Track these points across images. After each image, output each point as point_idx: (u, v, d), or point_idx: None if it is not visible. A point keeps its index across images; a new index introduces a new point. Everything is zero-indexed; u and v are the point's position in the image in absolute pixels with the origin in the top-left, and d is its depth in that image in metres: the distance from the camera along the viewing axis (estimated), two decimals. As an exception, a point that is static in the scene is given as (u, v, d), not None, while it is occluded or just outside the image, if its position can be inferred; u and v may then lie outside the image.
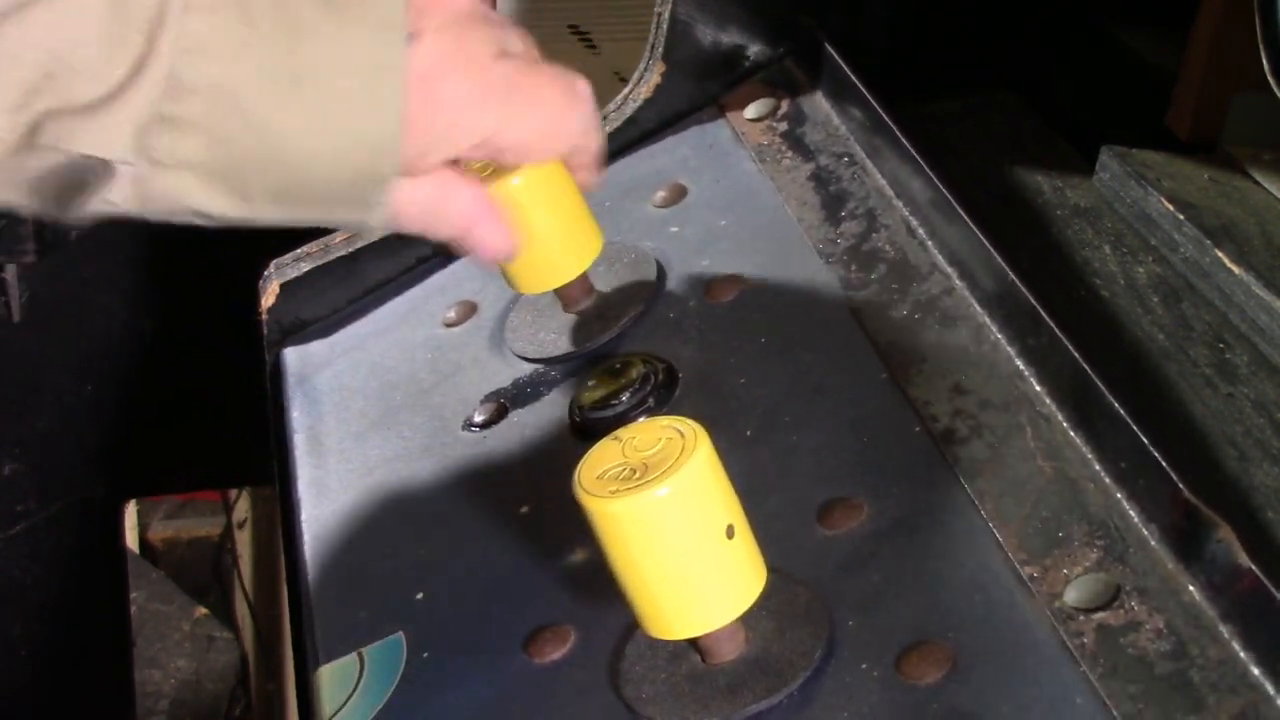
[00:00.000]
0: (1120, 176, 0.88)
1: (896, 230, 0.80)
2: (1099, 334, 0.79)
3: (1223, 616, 0.57)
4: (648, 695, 0.63)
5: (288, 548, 0.83)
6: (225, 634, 2.07)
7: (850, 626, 0.62)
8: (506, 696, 0.68)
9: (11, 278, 1.13)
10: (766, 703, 0.61)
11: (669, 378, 0.77)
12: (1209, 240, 0.81)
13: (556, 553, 0.72)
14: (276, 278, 0.95)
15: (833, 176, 0.86)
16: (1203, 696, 0.55)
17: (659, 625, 0.60)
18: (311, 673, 0.74)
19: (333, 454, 0.85)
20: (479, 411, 0.82)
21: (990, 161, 0.95)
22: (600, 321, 0.83)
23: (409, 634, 0.72)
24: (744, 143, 0.91)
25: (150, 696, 2.00)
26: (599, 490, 0.58)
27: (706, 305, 0.81)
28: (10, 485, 1.18)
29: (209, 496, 2.14)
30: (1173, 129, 0.93)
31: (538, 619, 0.69)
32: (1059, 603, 0.60)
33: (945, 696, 0.58)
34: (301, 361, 0.93)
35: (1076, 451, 0.65)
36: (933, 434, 0.68)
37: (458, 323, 0.89)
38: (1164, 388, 0.76)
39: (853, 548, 0.65)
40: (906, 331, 0.74)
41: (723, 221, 0.86)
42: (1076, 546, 0.61)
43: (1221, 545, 0.56)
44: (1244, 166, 0.90)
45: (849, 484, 0.68)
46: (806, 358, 0.75)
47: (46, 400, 1.19)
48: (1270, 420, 0.73)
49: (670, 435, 0.59)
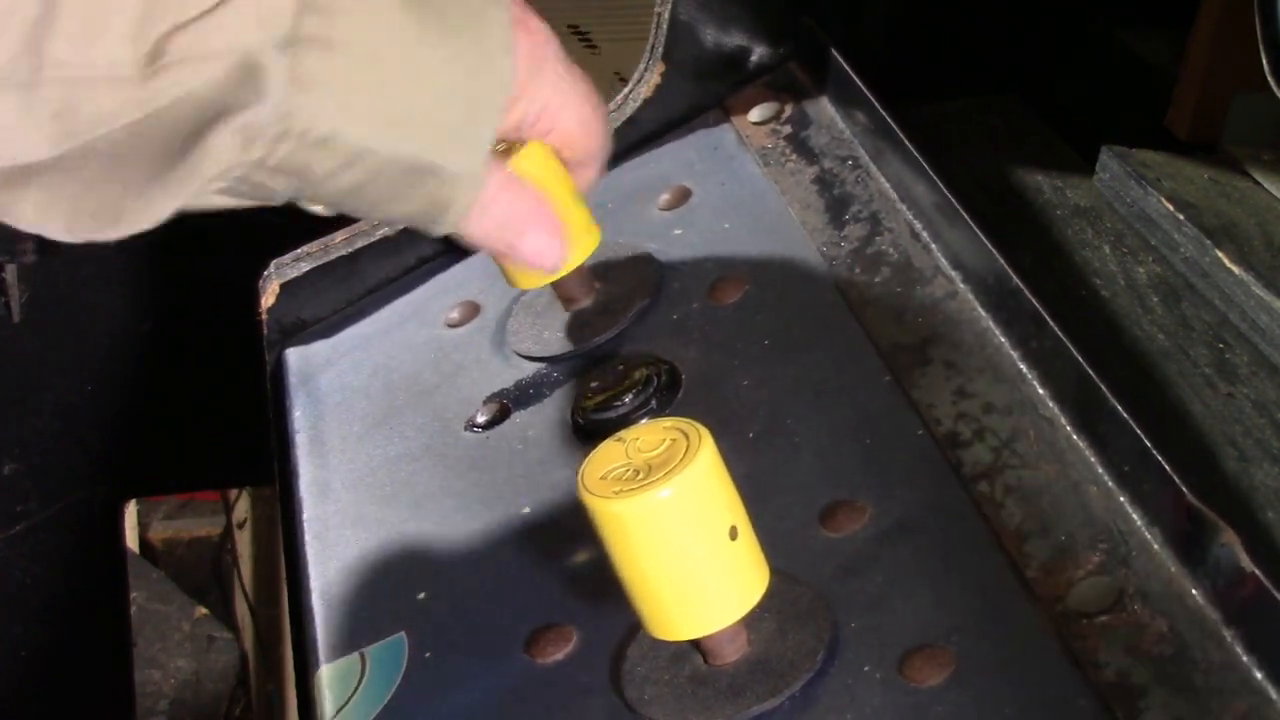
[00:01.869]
0: (1120, 176, 0.88)
1: (900, 234, 0.80)
2: (1099, 334, 0.79)
3: (1226, 620, 0.57)
4: (650, 696, 0.63)
5: (288, 548, 0.83)
6: (225, 634, 2.08)
7: (853, 629, 0.62)
8: (508, 697, 0.68)
9: (11, 278, 1.13)
10: (769, 704, 0.61)
11: (672, 379, 0.77)
12: (1209, 240, 0.81)
13: (559, 553, 0.72)
14: (276, 278, 0.95)
15: (837, 180, 0.86)
16: (1206, 701, 0.55)
17: (661, 626, 0.60)
18: (312, 673, 0.74)
19: (334, 454, 0.85)
20: (481, 412, 0.82)
21: (990, 162, 0.95)
22: (602, 319, 0.82)
23: (411, 634, 0.72)
24: (748, 146, 0.91)
25: (150, 696, 2.00)
26: (603, 491, 0.58)
27: (710, 307, 0.81)
28: (10, 485, 1.18)
29: (209, 496, 2.15)
30: (1173, 129, 0.94)
31: (540, 619, 0.69)
32: (1062, 606, 0.60)
33: (948, 699, 0.58)
34: (304, 362, 0.93)
35: (1079, 455, 0.65)
36: (936, 437, 0.68)
37: (460, 323, 0.89)
38: (1164, 388, 0.76)
39: (855, 550, 0.66)
40: (910, 334, 0.74)
41: (727, 224, 0.86)
42: (1079, 550, 0.61)
43: (1225, 549, 0.56)
44: (1244, 166, 0.90)
45: (852, 486, 0.68)
46: (810, 360, 0.75)
47: (46, 400, 1.19)
48: (1270, 420, 0.73)
49: (674, 436, 0.59)
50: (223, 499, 2.11)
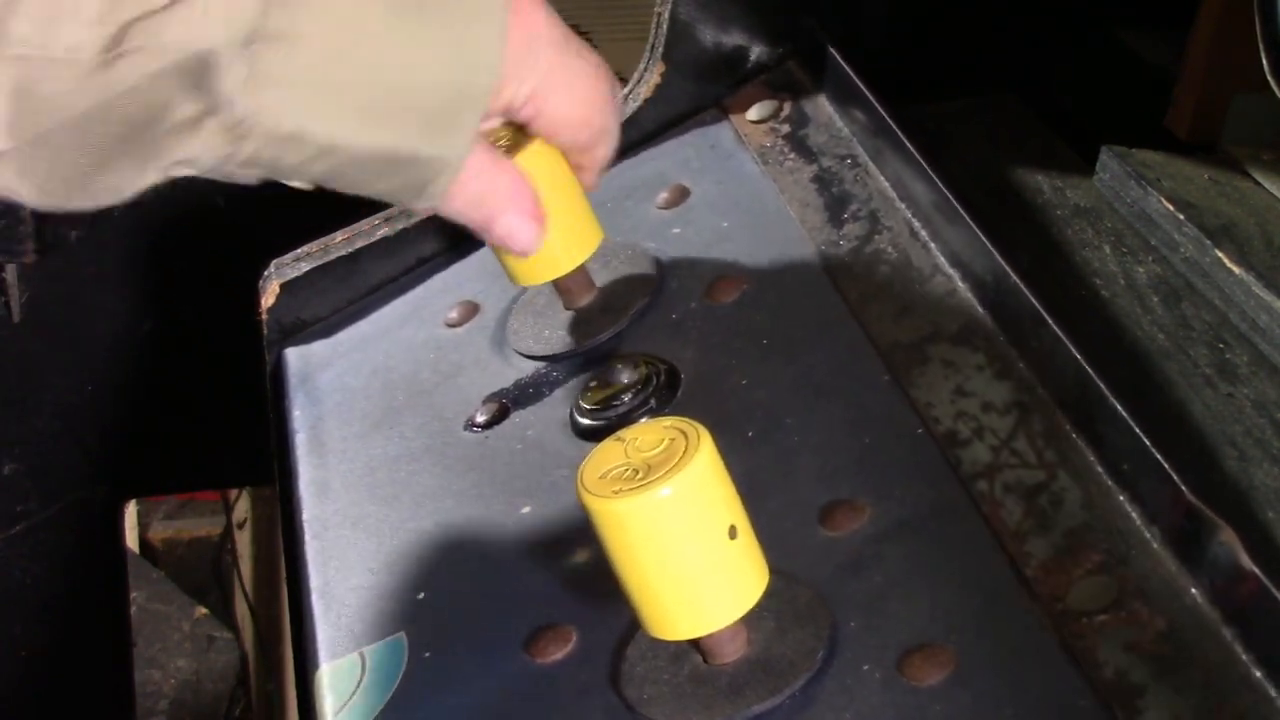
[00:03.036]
0: (1120, 176, 0.88)
1: (899, 232, 0.80)
2: (1099, 334, 0.79)
3: (1225, 619, 0.57)
4: (649, 696, 0.63)
5: (288, 548, 0.83)
6: (225, 634, 2.07)
7: (852, 628, 0.62)
8: (508, 697, 0.68)
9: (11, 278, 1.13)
10: (768, 703, 0.61)
11: (671, 379, 0.77)
12: (1209, 240, 0.81)
13: (558, 553, 0.72)
14: (276, 278, 0.95)
15: (835, 178, 0.86)
16: (1205, 699, 0.55)
17: (661, 626, 0.60)
18: (311, 673, 0.74)
19: (334, 454, 0.85)
20: (481, 412, 0.82)
21: (990, 161, 0.95)
22: (602, 318, 0.83)
23: (410, 634, 0.72)
24: (747, 145, 0.91)
25: (150, 696, 2.00)
26: (602, 490, 0.58)
27: (708, 306, 0.81)
28: (10, 485, 1.18)
29: (209, 496, 2.14)
30: (1173, 129, 0.93)
31: (539, 619, 0.69)
32: (1061, 605, 0.60)
33: (947, 698, 0.58)
34: (303, 361, 0.93)
35: (1079, 453, 0.65)
36: (935, 436, 0.69)
37: (459, 323, 0.89)
38: (1164, 388, 0.76)
39: (854, 549, 0.66)
40: (909, 333, 0.74)
41: (725, 223, 0.86)
42: (1078, 549, 0.61)
43: (1224, 547, 0.56)
44: (1244, 166, 0.90)
45: (851, 485, 0.68)
46: (808, 359, 0.75)
47: (46, 400, 1.19)
48: (1270, 420, 0.73)
49: (673, 436, 0.59)
50: (223, 499, 2.11)
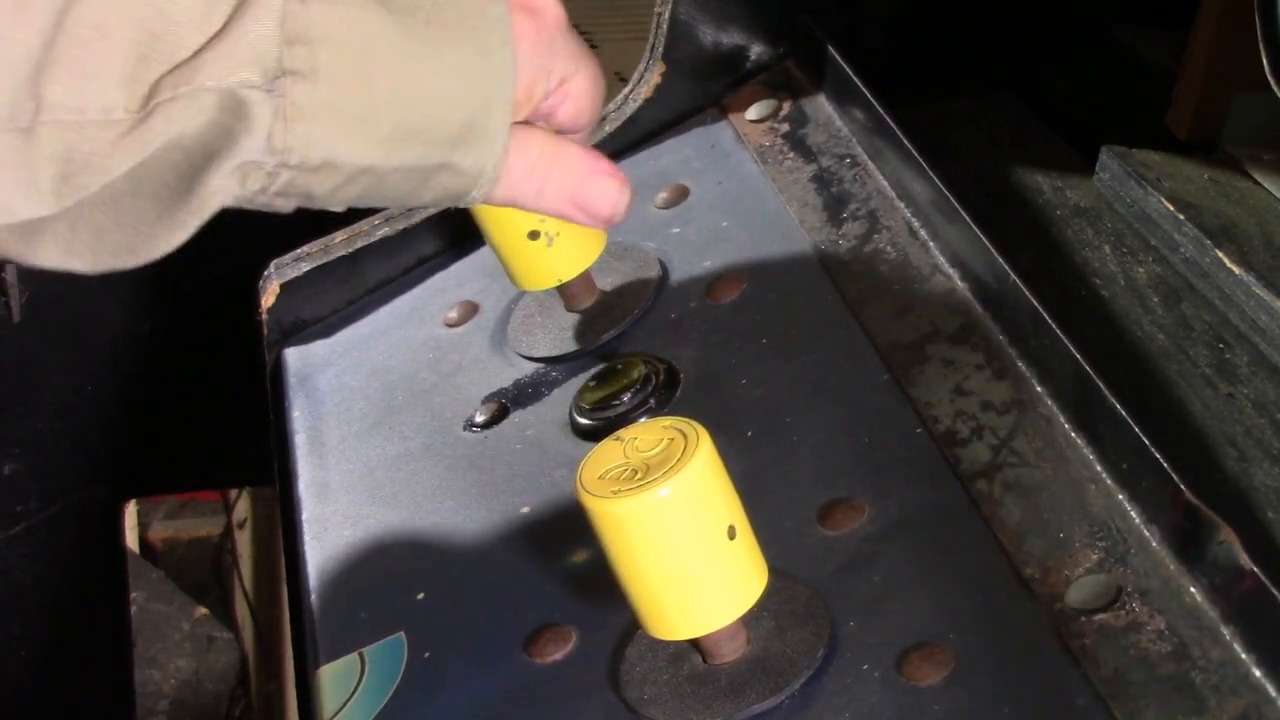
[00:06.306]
0: (1120, 176, 0.88)
1: (898, 232, 0.80)
2: (1099, 334, 0.79)
3: (1224, 618, 0.57)
4: (649, 696, 0.63)
5: (288, 548, 0.83)
6: (225, 634, 2.08)
7: (851, 627, 0.62)
8: (507, 697, 0.68)
9: (11, 278, 1.13)
10: (768, 703, 0.61)
11: (670, 378, 0.77)
12: (1209, 240, 0.81)
13: (558, 553, 0.72)
14: (276, 278, 0.95)
15: (835, 178, 0.86)
16: (1204, 698, 0.55)
17: (660, 625, 0.60)
18: (311, 673, 0.74)
19: (334, 454, 0.85)
20: (480, 412, 0.82)
21: (990, 161, 0.95)
22: (603, 320, 0.83)
23: (410, 634, 0.72)
24: (746, 144, 0.91)
25: (150, 696, 2.00)
26: (601, 490, 0.58)
27: (708, 306, 0.81)
28: (10, 485, 1.18)
29: (209, 496, 2.15)
30: (1173, 129, 0.93)
31: (539, 619, 0.69)
32: (1060, 604, 0.60)
33: (946, 697, 0.58)
34: (303, 361, 0.93)
35: (1078, 453, 0.65)
36: (934, 435, 0.68)
37: (459, 323, 0.89)
38: (1164, 388, 0.76)
39: (854, 548, 0.66)
40: (908, 332, 0.74)
41: (724, 222, 0.86)
42: (1078, 548, 0.61)
43: (1223, 546, 0.56)
44: (1244, 166, 0.90)
45: (850, 485, 0.68)
46: (808, 358, 0.75)
47: (46, 400, 1.19)
48: (1270, 420, 0.73)
49: (672, 436, 0.59)
50: (223, 499, 2.11)
